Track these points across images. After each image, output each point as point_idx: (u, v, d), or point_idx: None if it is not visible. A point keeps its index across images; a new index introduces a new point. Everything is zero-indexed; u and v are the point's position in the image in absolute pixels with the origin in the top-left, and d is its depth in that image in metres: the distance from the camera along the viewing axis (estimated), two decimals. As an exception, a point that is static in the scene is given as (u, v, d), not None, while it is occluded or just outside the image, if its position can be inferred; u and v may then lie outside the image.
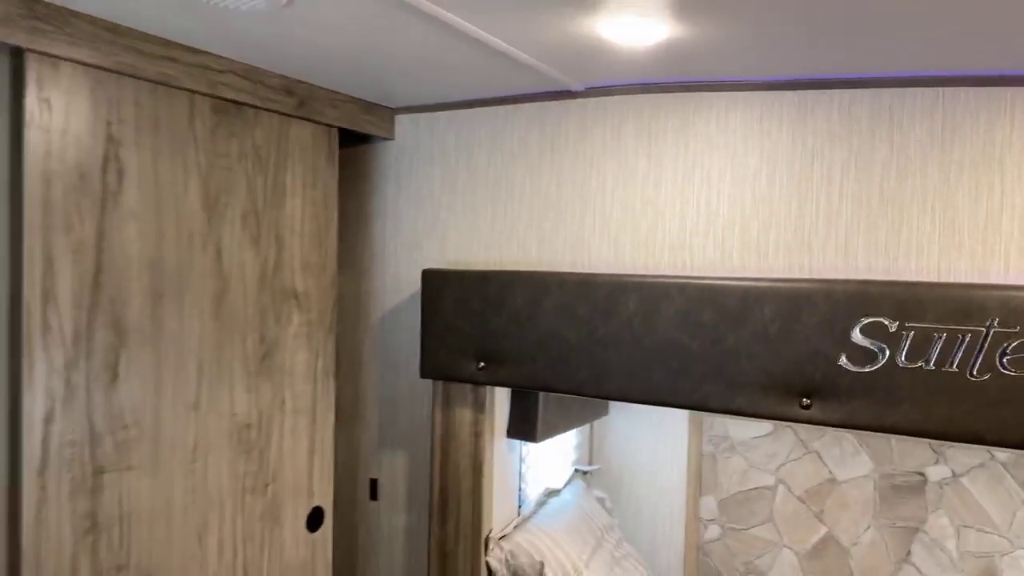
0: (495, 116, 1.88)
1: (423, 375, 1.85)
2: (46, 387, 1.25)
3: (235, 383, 1.61)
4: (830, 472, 2.10)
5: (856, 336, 1.39)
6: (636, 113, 1.71)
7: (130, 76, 1.36)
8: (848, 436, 2.07)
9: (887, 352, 1.37)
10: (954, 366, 1.32)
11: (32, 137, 1.23)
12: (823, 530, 2.11)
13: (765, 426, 2.18)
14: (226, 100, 1.55)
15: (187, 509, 1.51)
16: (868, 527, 2.05)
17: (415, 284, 1.96)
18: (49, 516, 1.26)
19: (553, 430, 1.97)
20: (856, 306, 1.40)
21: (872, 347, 1.38)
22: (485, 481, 1.85)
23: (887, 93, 1.47)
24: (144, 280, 1.41)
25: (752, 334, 1.49)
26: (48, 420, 1.26)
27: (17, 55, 1.22)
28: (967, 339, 1.30)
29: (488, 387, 1.84)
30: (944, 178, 1.43)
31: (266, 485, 1.70)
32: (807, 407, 1.45)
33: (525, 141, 1.84)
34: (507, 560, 1.86)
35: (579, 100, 1.77)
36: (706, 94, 1.64)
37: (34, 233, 1.23)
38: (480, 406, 1.85)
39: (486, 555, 1.86)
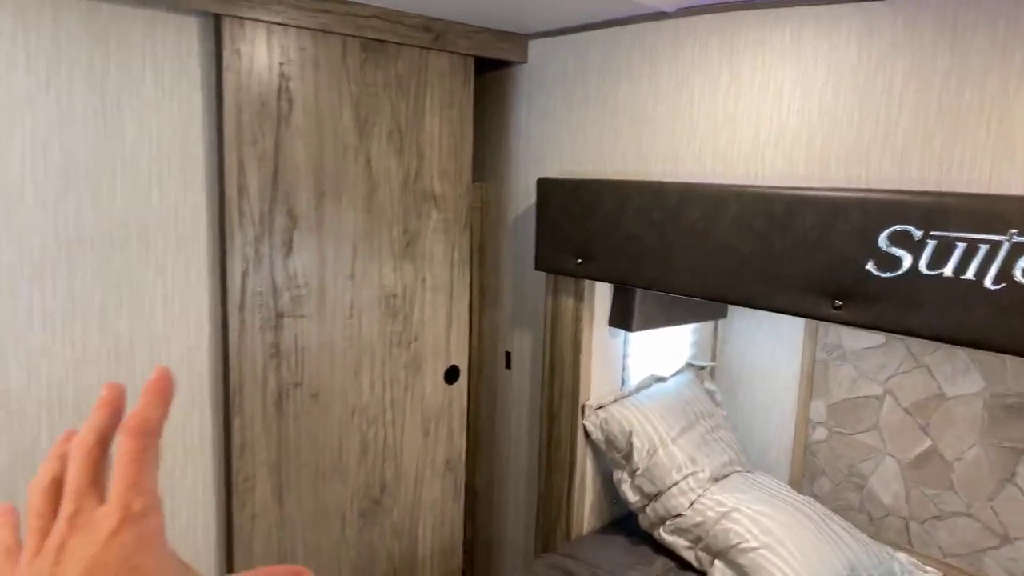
0: (606, 38, 2.09)
1: (536, 268, 2.20)
2: (242, 253, 1.83)
3: (383, 263, 2.11)
4: (939, 387, 2.08)
5: (883, 243, 1.46)
6: (720, 30, 1.82)
7: (295, 27, 1.83)
8: (960, 353, 2.03)
9: (911, 259, 1.43)
10: (971, 274, 1.35)
11: (228, 78, 1.75)
12: (927, 443, 2.12)
13: (877, 337, 2.20)
14: (372, 39, 1.98)
15: (346, 351, 2.06)
16: (973, 444, 2.03)
17: (535, 190, 2.29)
18: (246, 341, 1.86)
19: (651, 322, 2.22)
20: (885, 215, 1.46)
21: (897, 254, 1.44)
22: (583, 358, 2.19)
23: (952, 1, 1.44)
24: (309, 181, 1.92)
25: (794, 240, 1.61)
26: (244, 275, 1.84)
27: (217, 18, 1.74)
28: (985, 249, 1.32)
29: (585, 280, 2.14)
30: (1003, 89, 1.39)
31: (409, 343, 2.20)
32: (838, 308, 1.55)
33: (628, 60, 2.03)
34: (601, 426, 2.19)
35: (672, 20, 1.91)
36: (783, 10, 1.70)
37: (231, 146, 1.78)
38: (580, 296, 2.16)
39: (583, 419, 2.21)
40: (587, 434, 2.23)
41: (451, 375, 2.33)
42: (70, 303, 1.64)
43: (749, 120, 1.79)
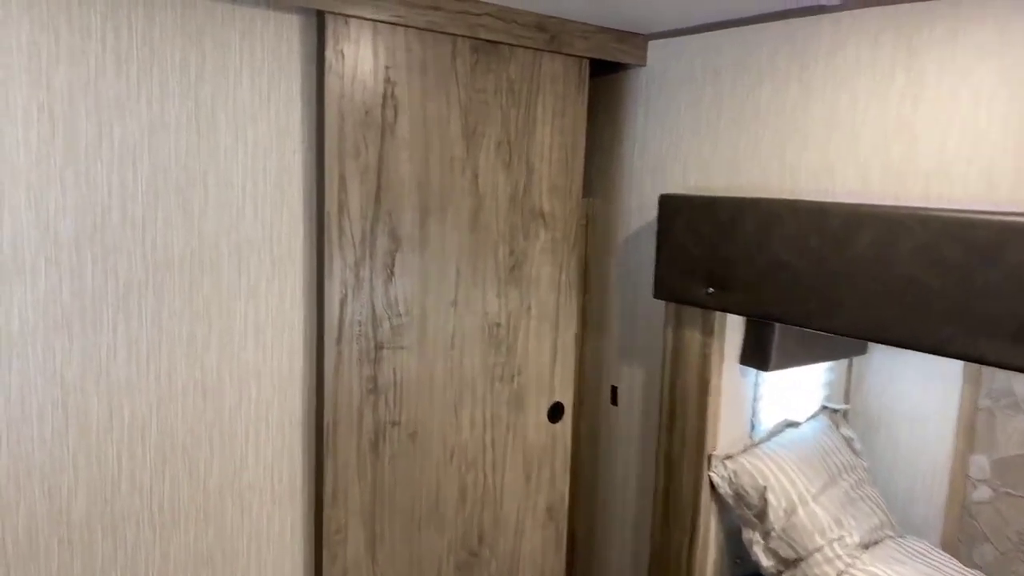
0: (742, 37, 1.84)
1: (656, 295, 1.96)
2: (341, 278, 1.64)
3: (487, 288, 1.89)
4: None
5: None
6: (896, 24, 1.55)
7: (403, 26, 1.64)
8: None
9: None
10: None
11: (330, 82, 1.57)
12: None
13: (1061, 385, 1.88)
14: (483, 40, 1.77)
15: (446, 386, 1.85)
16: None
17: (654, 207, 2.04)
18: (343, 375, 1.67)
19: (789, 361, 1.95)
20: None
21: None
22: (711, 401, 1.92)
23: None
24: (413, 197, 1.73)
25: (1005, 275, 1.32)
26: (343, 303, 1.65)
27: (320, 16, 1.56)
28: None
29: (717, 312, 1.88)
30: None
31: (512, 376, 1.98)
32: (1068, 361, 1.26)
33: (772, 61, 1.78)
34: (730, 479, 1.93)
35: (832, 15, 1.65)
36: (983, -5, 1.42)
37: (332, 158, 1.59)
38: (709, 329, 1.90)
39: (709, 470, 1.95)
40: (712, 486, 1.96)
41: (555, 413, 2.09)
42: (156, 332, 1.47)
43: (932, 130, 1.51)
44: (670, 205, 1.91)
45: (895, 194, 1.57)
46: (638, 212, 2.15)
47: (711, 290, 1.82)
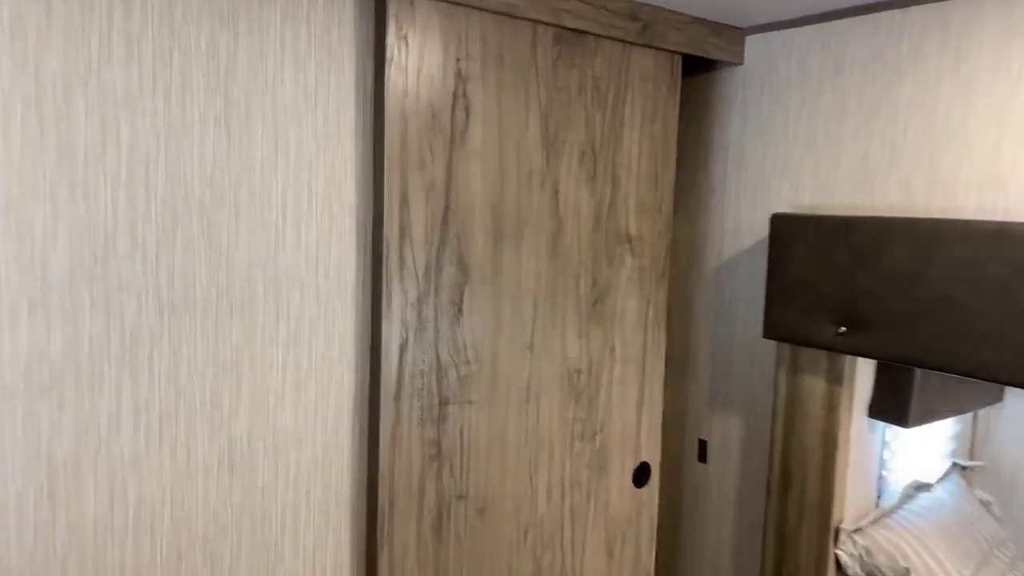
0: (874, 26, 1.53)
1: (766, 335, 1.63)
2: (401, 318, 1.31)
3: (567, 327, 1.57)
4: None
5: None
6: (1099, -1, 1.24)
7: (476, 8, 1.33)
8: None
9: None
10: None
11: (392, 76, 1.26)
12: None
13: None
14: (568, 29, 1.47)
15: (520, 448, 1.52)
16: None
17: (759, 230, 1.74)
18: (401, 439, 1.34)
19: (931, 415, 1.61)
20: None
21: None
22: (838, 463, 1.59)
23: None
24: (486, 218, 1.41)
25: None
26: (403, 349, 1.32)
27: (380, -4, 1.25)
28: None
29: (847, 356, 1.55)
30: None
31: (594, 434, 1.65)
32: None
33: (917, 53, 1.47)
34: (861, 557, 1.59)
35: (1004, -8, 1.35)
36: None
37: (393, 171, 1.27)
38: (837, 377, 1.57)
39: (835, 547, 1.61)
40: (839, 566, 1.62)
41: (641, 475, 1.76)
42: (172, 393, 1.14)
43: None
44: (787, 227, 1.59)
45: (1097, 212, 1.26)
46: (733, 235, 1.83)
47: (843, 330, 1.49)
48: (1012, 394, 1.90)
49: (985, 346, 1.28)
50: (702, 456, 1.94)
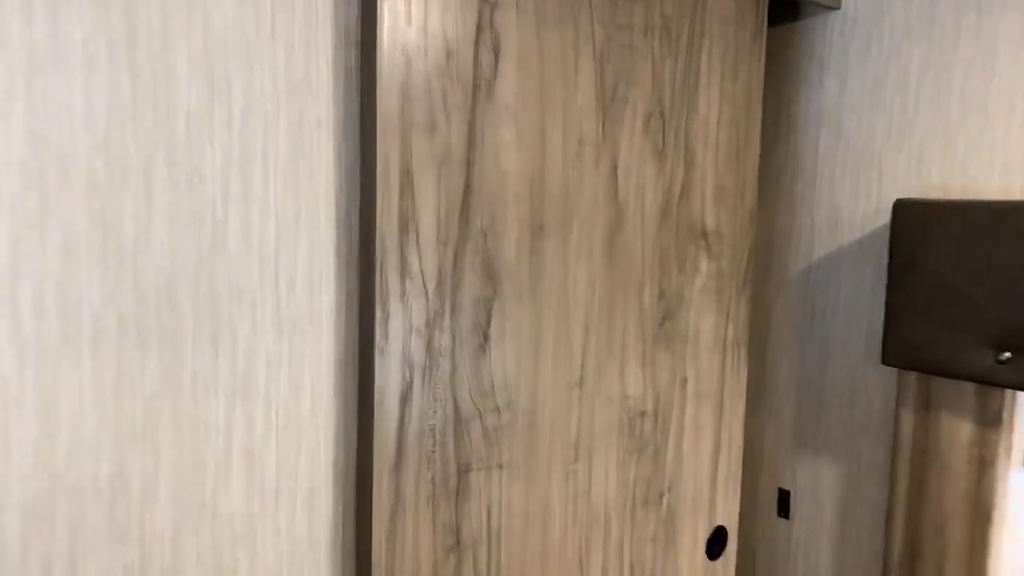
0: None
1: (887, 360, 1.23)
2: (403, 352, 0.89)
3: (628, 353, 1.15)
4: None
5: None
6: None
7: (513, -102, 0.92)
8: None
9: None
10: None
11: (385, 2, 0.84)
12: None
13: None
14: (632, -59, 1.05)
15: (567, 526, 1.10)
16: None
17: (865, 222, 1.34)
18: (403, 530, 0.92)
19: None
20: None
21: None
22: (993, 534, 1.18)
23: None
24: (523, 205, 0.99)
25: None
26: (405, 398, 0.90)
27: None
28: None
29: (1011, 391, 1.14)
30: None
31: (661, 495, 1.23)
32: None
33: None
34: (1022, 660, 1.18)
35: None
36: None
37: (390, 134, 0.86)
38: (993, 418, 1.17)
39: (984, 645, 1.20)
40: (992, 671, 1.21)
41: (715, 544, 1.34)
42: (43, 475, 0.72)
43: None
44: (920, 217, 1.18)
45: None
46: (828, 229, 1.41)
47: (1007, 356, 1.09)
48: None
49: None
50: (783, 510, 1.52)
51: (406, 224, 0.88)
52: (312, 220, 0.87)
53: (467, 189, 0.93)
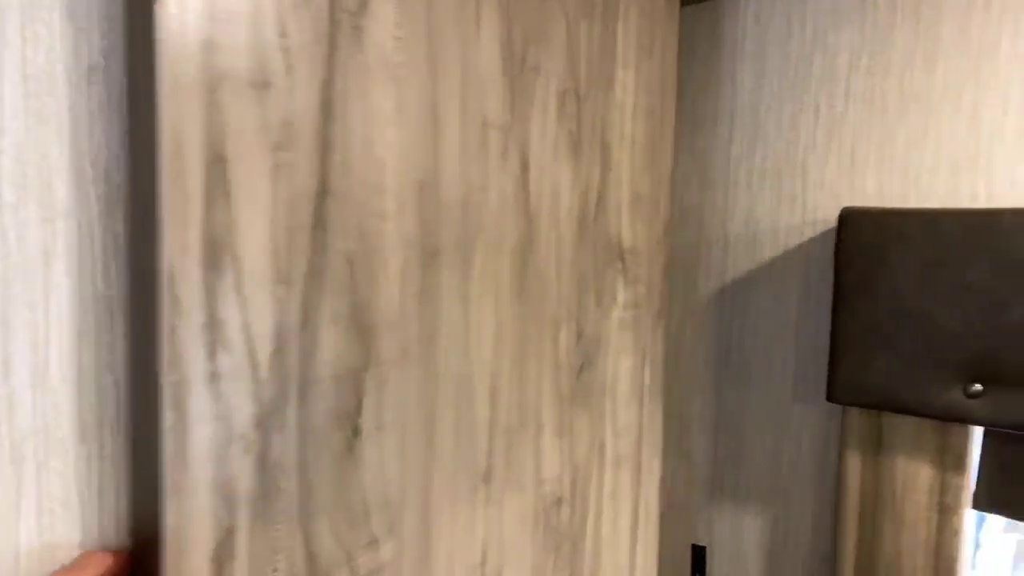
0: None
1: (834, 396, 1.02)
2: (216, 481, 0.50)
3: (544, 421, 0.83)
4: None
5: None
6: None
7: None
8: None
9: None
10: None
11: None
12: None
13: None
14: None
15: None
16: None
17: (787, 235, 1.14)
18: None
19: None
20: None
21: None
22: None
23: None
24: (408, 217, 0.63)
25: None
26: (220, 559, 0.51)
27: None
28: None
29: (973, 428, 0.98)
30: None
31: (578, 601, 0.93)
32: None
33: None
34: None
35: None
36: None
37: (183, 93, 0.46)
38: (956, 460, 1.00)
39: None
40: None
41: (635, 640, 1.07)
42: None
43: None
44: (873, 229, 0.98)
45: None
46: (745, 244, 1.20)
47: (977, 388, 0.93)
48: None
49: None
50: (698, 569, 1.29)
51: (216, 252, 0.49)
52: (38, 246, 0.45)
53: (322, 191, 0.56)
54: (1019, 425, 0.91)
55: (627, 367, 0.99)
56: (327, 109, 0.55)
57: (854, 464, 1.06)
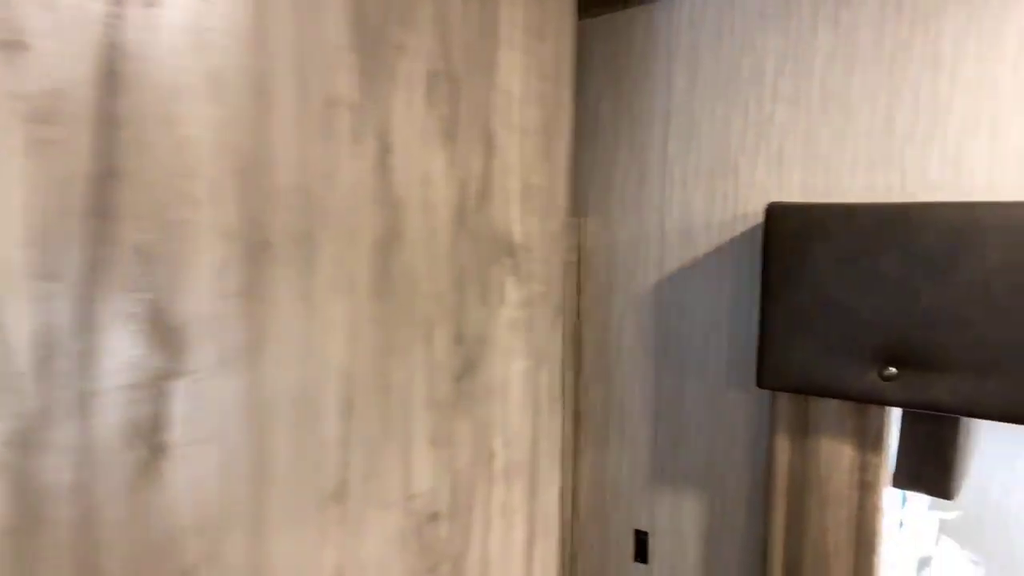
0: None
1: (763, 383, 1.01)
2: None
3: (415, 430, 0.77)
4: None
5: None
6: None
7: None
8: None
9: None
10: None
11: None
12: None
13: None
14: None
15: None
16: None
17: (720, 229, 1.12)
18: None
19: (966, 475, 1.12)
20: None
21: None
22: (876, 563, 1.01)
23: None
24: (227, 204, 0.56)
25: None
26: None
27: None
28: None
29: (890, 409, 0.99)
30: None
31: (462, 623, 0.86)
32: None
33: None
34: None
35: None
36: None
37: None
38: (874, 440, 1.00)
39: None
40: None
41: (534, 660, 1.00)
42: None
43: None
44: (796, 223, 0.97)
45: None
46: (681, 239, 1.18)
47: (891, 371, 0.92)
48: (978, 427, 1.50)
49: None
50: (640, 554, 1.27)
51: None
52: None
53: (105, 172, 0.48)
54: (930, 405, 0.91)
55: (520, 370, 0.93)
56: (111, 79, 0.48)
57: (783, 447, 1.05)
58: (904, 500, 1.27)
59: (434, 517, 0.80)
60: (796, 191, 1.07)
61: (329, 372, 0.66)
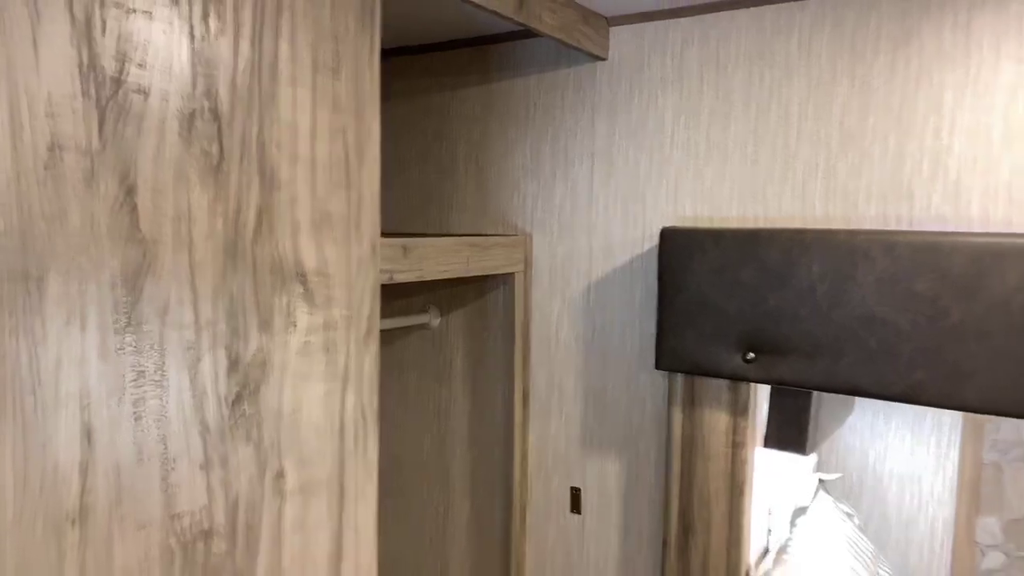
0: (760, 19, 1.30)
1: (660, 366, 1.34)
2: None
3: (175, 454, 0.80)
4: None
5: None
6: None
7: None
8: None
9: None
10: None
11: None
12: None
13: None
14: None
15: None
16: None
17: (634, 247, 1.50)
18: None
19: (822, 437, 1.47)
20: None
21: None
22: (746, 506, 1.33)
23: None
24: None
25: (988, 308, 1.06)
26: None
27: None
28: None
29: (753, 385, 1.30)
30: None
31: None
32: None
33: (809, 49, 1.28)
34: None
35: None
36: None
37: None
38: (742, 409, 1.31)
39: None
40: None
41: (346, 671, 1.04)
42: None
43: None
44: (681, 243, 1.30)
45: (1008, 220, 0.97)
46: (604, 254, 1.52)
47: (751, 356, 1.23)
48: (859, 405, 1.79)
49: (915, 368, 1.11)
50: (575, 506, 1.60)
51: None
52: None
53: None
54: (778, 381, 1.20)
55: (317, 394, 0.96)
56: None
57: (677, 416, 1.37)
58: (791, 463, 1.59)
59: (206, 534, 0.84)
60: (688, 217, 1.40)
61: (63, 403, 0.69)
